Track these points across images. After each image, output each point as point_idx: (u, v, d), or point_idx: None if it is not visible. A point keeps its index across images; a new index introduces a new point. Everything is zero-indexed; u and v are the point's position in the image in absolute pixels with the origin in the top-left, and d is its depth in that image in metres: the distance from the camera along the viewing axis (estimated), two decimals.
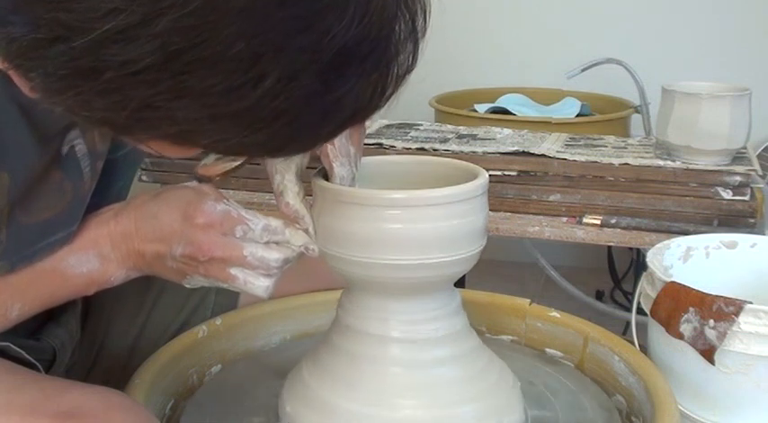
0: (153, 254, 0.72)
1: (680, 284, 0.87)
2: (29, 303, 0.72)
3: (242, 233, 0.71)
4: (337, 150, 0.74)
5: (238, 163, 0.61)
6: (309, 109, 0.49)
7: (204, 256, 0.70)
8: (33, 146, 0.65)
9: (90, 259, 0.72)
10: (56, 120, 0.67)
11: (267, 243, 0.72)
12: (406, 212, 0.69)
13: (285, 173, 0.75)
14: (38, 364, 0.76)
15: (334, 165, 0.74)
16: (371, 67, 0.49)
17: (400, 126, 1.55)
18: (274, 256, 0.71)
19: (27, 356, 0.74)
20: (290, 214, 0.74)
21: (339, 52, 0.47)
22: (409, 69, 0.53)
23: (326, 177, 0.75)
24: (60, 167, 0.69)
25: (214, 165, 0.61)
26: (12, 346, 0.72)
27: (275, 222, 0.73)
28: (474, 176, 0.73)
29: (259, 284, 0.72)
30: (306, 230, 0.74)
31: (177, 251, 0.71)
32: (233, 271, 0.71)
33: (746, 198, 1.24)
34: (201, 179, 0.64)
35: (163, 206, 0.72)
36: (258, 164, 1.34)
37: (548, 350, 0.93)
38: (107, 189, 0.77)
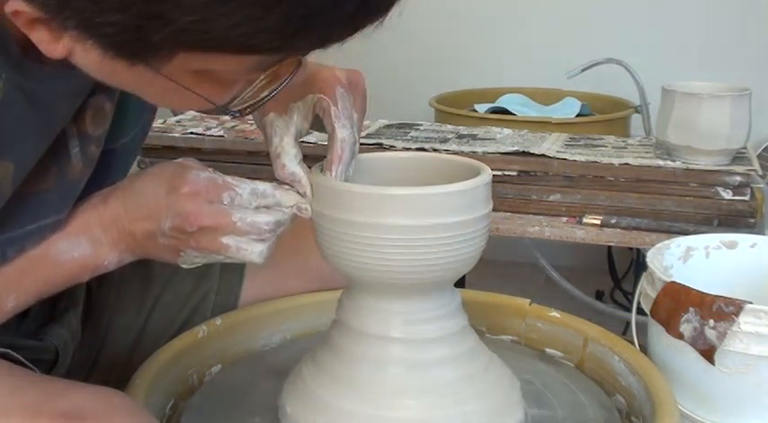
0: (143, 232, 0.71)
1: (680, 284, 0.87)
2: (24, 293, 0.71)
3: (229, 200, 0.70)
4: (340, 112, 0.73)
5: (266, 93, 0.61)
6: None
7: (192, 227, 0.69)
8: (37, 135, 0.66)
9: (81, 244, 0.72)
10: (60, 108, 0.67)
11: (257, 208, 0.71)
12: (407, 209, 0.69)
13: (284, 135, 0.74)
14: (36, 368, 0.76)
15: (336, 126, 0.73)
16: None
17: (400, 126, 1.55)
18: (265, 219, 0.70)
19: (25, 361, 0.74)
20: (286, 177, 0.73)
21: None
22: None
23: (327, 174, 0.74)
24: None
25: (245, 99, 0.61)
26: (11, 352, 0.72)
27: (263, 186, 0.72)
28: (477, 173, 0.73)
29: (252, 250, 0.70)
30: (303, 194, 0.73)
31: (166, 225, 0.70)
32: (224, 240, 0.70)
33: (746, 198, 1.24)
34: (235, 115, 0.64)
35: (148, 182, 0.72)
36: (258, 164, 1.35)
37: (548, 350, 0.93)
38: (104, 179, 0.77)
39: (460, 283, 1.35)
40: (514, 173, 1.31)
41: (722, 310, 0.83)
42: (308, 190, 0.73)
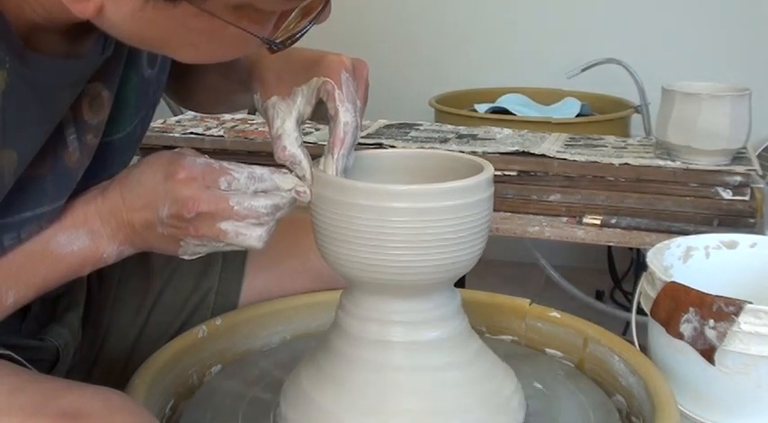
0: (142, 222, 0.71)
1: (680, 284, 0.87)
2: (23, 288, 0.71)
3: (226, 184, 0.69)
4: (344, 96, 0.73)
5: (305, 24, 0.61)
6: None
7: (190, 213, 0.68)
8: (39, 124, 0.66)
9: (80, 237, 0.72)
10: (61, 97, 0.68)
11: (255, 192, 0.71)
12: (410, 206, 0.69)
13: (286, 118, 0.74)
14: (35, 369, 0.76)
15: (339, 109, 0.73)
16: None
17: (400, 126, 1.55)
18: (263, 202, 0.70)
19: (26, 363, 0.73)
20: (286, 159, 0.73)
21: None
22: None
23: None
24: None
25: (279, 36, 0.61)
26: (13, 354, 0.72)
27: (260, 170, 0.71)
28: (479, 170, 0.73)
29: (251, 234, 0.70)
30: (302, 177, 0.72)
31: (164, 213, 0.69)
32: (223, 225, 0.69)
33: (746, 198, 1.24)
34: (279, 47, 0.63)
35: (145, 171, 0.71)
36: (259, 164, 1.34)
37: (548, 350, 0.93)
38: (102, 172, 0.77)
39: (460, 283, 1.35)
40: (514, 173, 1.31)
41: (722, 310, 0.83)
42: (307, 173, 0.72)
